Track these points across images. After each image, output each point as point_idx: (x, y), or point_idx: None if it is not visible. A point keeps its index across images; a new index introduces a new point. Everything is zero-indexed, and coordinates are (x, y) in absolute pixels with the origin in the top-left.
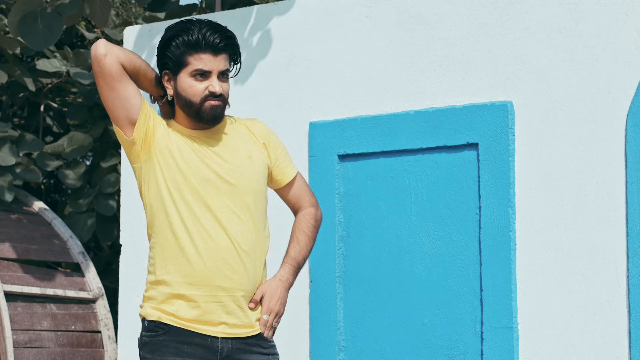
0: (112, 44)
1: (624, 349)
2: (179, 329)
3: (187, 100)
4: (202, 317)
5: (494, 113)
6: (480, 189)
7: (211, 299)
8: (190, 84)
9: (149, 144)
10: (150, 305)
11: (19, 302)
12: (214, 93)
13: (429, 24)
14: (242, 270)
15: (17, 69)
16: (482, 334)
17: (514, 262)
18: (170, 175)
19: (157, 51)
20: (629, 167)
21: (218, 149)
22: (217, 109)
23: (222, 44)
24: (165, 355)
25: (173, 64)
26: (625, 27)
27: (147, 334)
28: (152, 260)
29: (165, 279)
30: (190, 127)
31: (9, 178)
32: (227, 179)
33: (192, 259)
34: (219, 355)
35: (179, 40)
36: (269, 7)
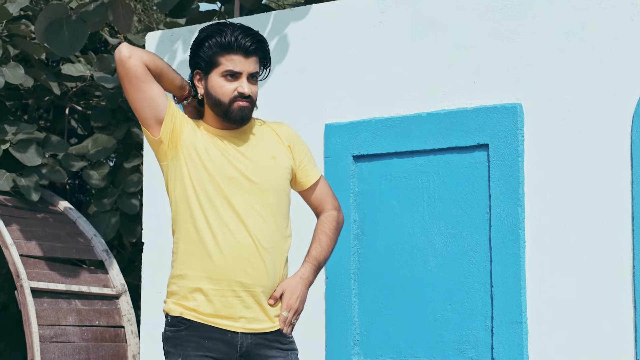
0: (136, 47)
1: (629, 342)
2: (200, 324)
3: (216, 99)
4: (221, 312)
5: (503, 115)
6: (491, 189)
7: (230, 294)
8: (221, 84)
9: (176, 142)
10: (172, 300)
11: (45, 298)
12: (243, 94)
13: (441, 29)
14: (261, 266)
15: (43, 74)
16: (492, 329)
17: (523, 259)
18: (196, 173)
19: (190, 51)
20: (634, 167)
21: (243, 149)
22: (245, 109)
23: (252, 47)
24: (187, 350)
25: (205, 64)
26: (631, 32)
27: (170, 329)
28: (174, 255)
29: (186, 273)
30: (218, 126)
31: (35, 178)
32: (251, 178)
33: (212, 254)
34: (238, 350)
35: (212, 41)
36: (286, 12)
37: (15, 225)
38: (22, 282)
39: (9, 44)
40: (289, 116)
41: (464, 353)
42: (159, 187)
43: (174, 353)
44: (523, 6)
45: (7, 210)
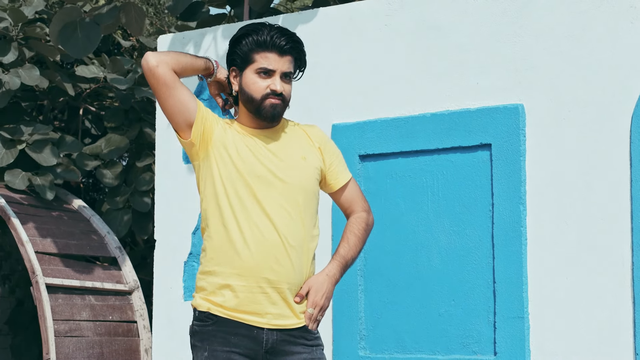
0: (159, 52)
1: (628, 337)
2: (226, 320)
3: (249, 95)
4: (248, 308)
5: (506, 115)
6: (493, 187)
7: (257, 290)
8: (254, 80)
9: (207, 143)
10: (200, 295)
11: (59, 294)
12: (275, 91)
13: (444, 32)
14: (288, 264)
15: (57, 75)
16: (495, 324)
17: (525, 255)
18: (226, 172)
19: (228, 48)
20: (633, 166)
21: (274, 148)
22: (276, 107)
23: (287, 46)
24: (213, 345)
25: (240, 61)
26: (630, 34)
27: (198, 324)
28: (204, 252)
29: (214, 269)
30: (251, 125)
31: (50, 177)
32: (281, 177)
33: (240, 250)
34: (263, 346)
35: (249, 39)
36: (294, 15)
37: (30, 223)
38: (38, 278)
39: (25, 46)
40: (297, 116)
41: (467, 347)
42: (170, 185)
43: (200, 347)
44: (524, 10)
45: (23, 208)
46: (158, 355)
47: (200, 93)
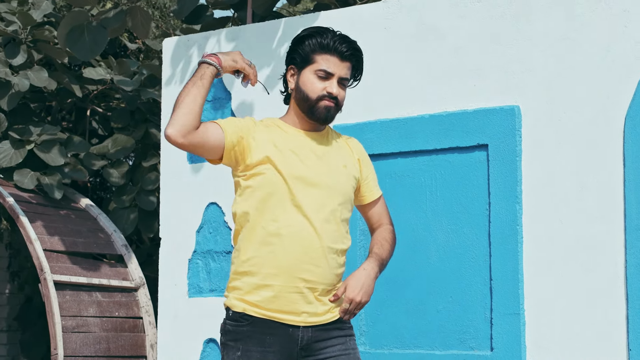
0: (171, 122)
1: (622, 333)
2: (262, 320)
3: (305, 94)
4: (284, 307)
5: (502, 117)
6: (490, 187)
7: (293, 290)
8: (312, 80)
9: (245, 159)
10: (235, 295)
11: (67, 290)
12: (331, 94)
13: (443, 35)
14: (325, 265)
15: (65, 77)
16: (491, 320)
17: (521, 253)
18: (267, 172)
19: (290, 46)
20: (626, 166)
21: (318, 152)
22: (330, 109)
23: (348, 53)
24: (247, 345)
25: (300, 60)
26: (623, 38)
27: (231, 323)
28: (237, 252)
29: (250, 269)
30: (298, 126)
31: (58, 177)
32: (322, 180)
33: (278, 251)
34: (299, 344)
35: (312, 40)
36: (296, 19)
37: (39, 221)
38: (46, 275)
39: (34, 49)
40: None
41: (464, 343)
42: (175, 184)
43: (232, 347)
44: (521, 13)
45: (32, 207)
46: (163, 351)
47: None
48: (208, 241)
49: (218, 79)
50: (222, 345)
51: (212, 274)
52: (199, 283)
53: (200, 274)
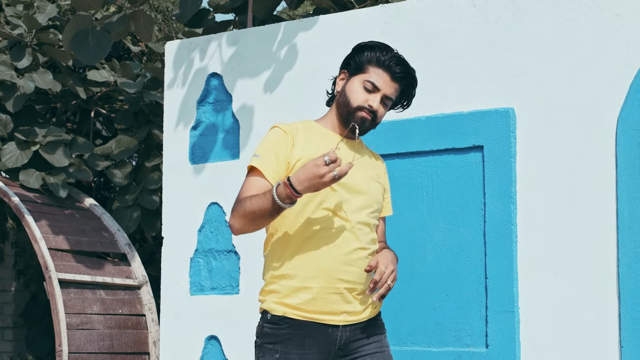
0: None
1: (614, 330)
2: (302, 322)
3: (347, 100)
4: (324, 308)
5: (497, 118)
6: (485, 187)
7: (333, 291)
8: (357, 89)
9: (290, 172)
10: (273, 299)
11: (71, 288)
12: (371, 107)
13: (439, 38)
14: (362, 266)
15: (70, 79)
16: (486, 318)
17: (515, 252)
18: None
19: (350, 52)
20: (619, 167)
21: (360, 160)
22: (365, 122)
23: (400, 75)
24: (287, 347)
25: (354, 67)
26: (616, 41)
27: (270, 326)
28: (272, 255)
29: (289, 272)
30: (337, 131)
31: (63, 177)
32: (359, 186)
33: (317, 253)
34: (337, 343)
35: (371, 52)
36: (296, 23)
37: (44, 220)
38: (51, 273)
39: (39, 52)
40: (297, 119)
41: (460, 340)
42: (177, 184)
43: (270, 349)
44: (515, 17)
45: (37, 206)
46: (165, 347)
47: (206, 97)
48: (209, 240)
49: (219, 80)
50: (258, 347)
51: (214, 273)
52: (201, 281)
53: (201, 273)
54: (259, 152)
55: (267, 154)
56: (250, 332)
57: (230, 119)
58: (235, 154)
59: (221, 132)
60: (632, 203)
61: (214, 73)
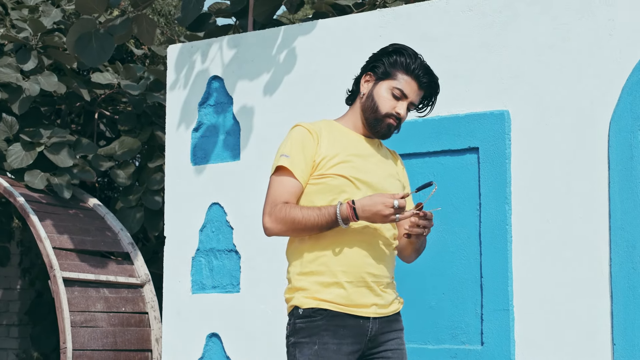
0: (280, 225)
1: (606, 328)
2: (336, 313)
3: (375, 105)
4: (356, 301)
5: (492, 121)
6: (481, 188)
7: (363, 285)
8: (386, 95)
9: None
10: (303, 295)
11: (75, 287)
12: (399, 114)
13: (435, 42)
14: (388, 259)
15: (74, 82)
16: (482, 316)
17: (510, 252)
18: (336, 175)
19: (374, 55)
20: (611, 168)
21: (376, 157)
22: (391, 128)
23: (426, 83)
24: (323, 338)
25: (383, 71)
26: (608, 45)
27: (303, 321)
28: (298, 254)
29: (319, 269)
30: (359, 131)
31: (67, 177)
32: (381, 184)
33: (346, 250)
34: (368, 334)
35: (400, 58)
36: (295, 27)
37: (49, 220)
38: (55, 272)
39: (44, 55)
40: (296, 120)
41: (456, 338)
42: (179, 185)
43: (307, 342)
44: (510, 22)
45: (42, 206)
46: (168, 345)
47: (207, 99)
48: (211, 240)
49: (220, 83)
50: (292, 345)
51: (215, 271)
52: (202, 280)
53: (203, 271)
54: (286, 152)
55: (296, 153)
56: (250, 330)
57: (230, 121)
58: (235, 155)
59: (222, 133)
60: (624, 204)
61: (215, 76)
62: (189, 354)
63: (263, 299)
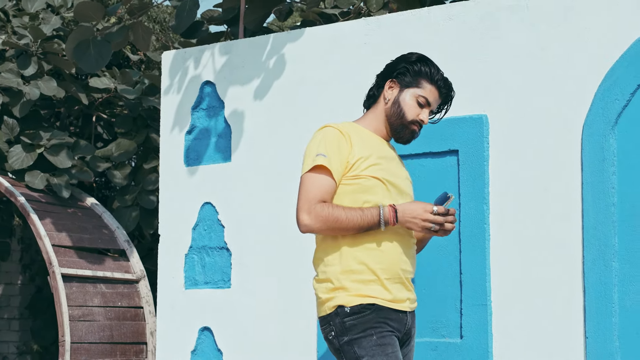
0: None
1: (579, 322)
2: (381, 307)
3: (402, 112)
4: (395, 296)
5: (471, 125)
6: (460, 189)
7: (398, 280)
8: (411, 103)
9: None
10: (347, 294)
11: (74, 282)
12: (422, 121)
13: (418, 48)
14: (414, 255)
15: (73, 86)
16: (461, 310)
17: (488, 250)
18: (368, 176)
19: (399, 62)
20: (584, 170)
21: (397, 159)
22: (414, 134)
23: (445, 93)
24: (378, 329)
25: (409, 79)
26: (583, 53)
27: (353, 318)
28: (335, 253)
29: (358, 268)
30: (381, 135)
31: (66, 178)
32: (404, 185)
33: (383, 248)
34: (405, 327)
35: (425, 68)
36: (284, 34)
37: (48, 218)
38: (54, 268)
39: (44, 60)
40: (285, 125)
41: (436, 331)
42: (173, 185)
43: (364, 336)
44: (489, 31)
45: (41, 205)
46: (162, 338)
47: (200, 103)
48: (203, 238)
49: (212, 88)
50: (347, 344)
51: (207, 268)
52: (195, 276)
53: (195, 268)
54: (322, 151)
55: (333, 154)
56: (241, 323)
57: (222, 124)
58: (227, 157)
59: (214, 136)
60: (597, 204)
61: (208, 81)
62: (182, 347)
63: (252, 294)
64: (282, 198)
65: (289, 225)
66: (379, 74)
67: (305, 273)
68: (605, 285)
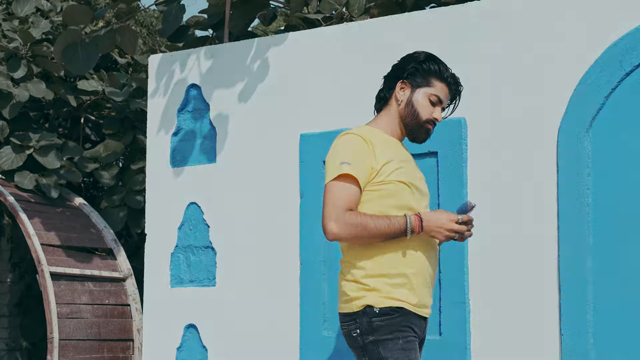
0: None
1: (555, 319)
2: (408, 312)
3: (416, 113)
4: (422, 302)
5: (450, 127)
6: (439, 189)
7: (424, 285)
8: (424, 102)
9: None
10: (377, 295)
11: (62, 280)
12: (436, 120)
13: (397, 53)
14: (437, 259)
15: (61, 88)
16: (440, 308)
17: (466, 248)
18: (394, 181)
19: (407, 62)
20: (559, 172)
21: (413, 162)
22: (429, 132)
23: (455, 90)
24: (404, 333)
25: (420, 79)
26: (558, 59)
27: (381, 319)
28: (366, 255)
29: (389, 272)
30: (397, 136)
31: (54, 178)
32: (422, 188)
33: (413, 252)
34: (423, 334)
35: (435, 67)
36: (268, 39)
37: (37, 218)
38: (43, 267)
39: (33, 63)
40: (268, 126)
41: None
42: (159, 186)
43: (391, 339)
44: (468, 37)
45: (30, 205)
46: (148, 335)
47: (186, 105)
48: (188, 237)
49: (198, 90)
50: (372, 344)
51: (192, 267)
52: (180, 274)
53: (181, 266)
54: (348, 159)
55: (359, 162)
56: (225, 321)
57: (207, 126)
58: (212, 158)
59: (199, 138)
60: (571, 204)
61: (193, 84)
62: (168, 344)
63: (237, 292)
64: (265, 198)
65: (273, 224)
66: (386, 75)
67: (289, 272)
68: (580, 283)
